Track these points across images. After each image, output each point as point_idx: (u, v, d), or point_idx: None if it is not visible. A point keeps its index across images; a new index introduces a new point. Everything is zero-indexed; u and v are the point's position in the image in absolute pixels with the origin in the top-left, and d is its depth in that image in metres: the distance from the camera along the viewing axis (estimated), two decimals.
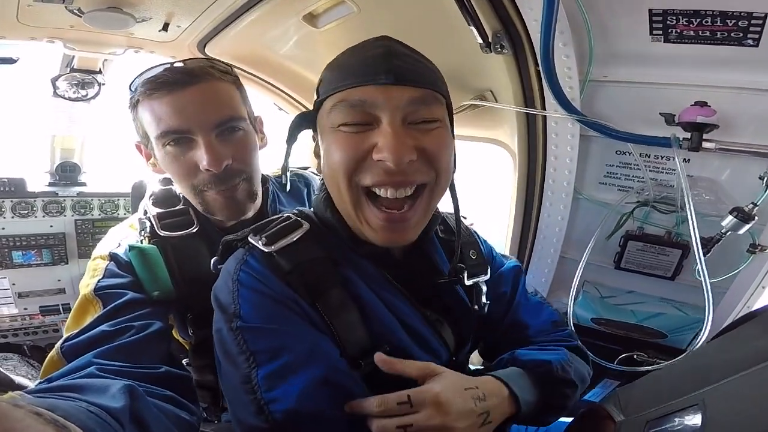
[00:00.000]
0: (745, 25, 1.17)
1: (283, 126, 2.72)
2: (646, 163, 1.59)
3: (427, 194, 0.91)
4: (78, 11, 1.69)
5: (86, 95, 2.38)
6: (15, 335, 2.88)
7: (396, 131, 0.83)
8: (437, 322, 1.03)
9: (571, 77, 1.45)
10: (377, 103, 0.84)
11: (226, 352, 0.86)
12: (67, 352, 0.94)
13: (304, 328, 0.87)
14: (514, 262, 1.26)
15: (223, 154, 1.13)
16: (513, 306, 1.18)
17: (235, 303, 0.87)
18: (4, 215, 2.74)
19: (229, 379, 0.86)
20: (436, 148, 0.88)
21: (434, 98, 0.89)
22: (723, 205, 1.50)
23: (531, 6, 1.32)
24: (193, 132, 1.11)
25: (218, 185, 1.16)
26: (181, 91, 1.10)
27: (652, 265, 1.72)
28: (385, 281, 0.99)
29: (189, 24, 1.91)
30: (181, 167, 1.15)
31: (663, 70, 1.39)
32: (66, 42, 2.03)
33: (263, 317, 0.86)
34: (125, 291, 1.06)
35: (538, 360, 1.01)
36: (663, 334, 1.75)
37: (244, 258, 0.93)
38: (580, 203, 1.80)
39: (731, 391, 0.70)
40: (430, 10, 1.58)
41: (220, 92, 1.16)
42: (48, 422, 0.48)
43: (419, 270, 1.05)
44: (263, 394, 0.80)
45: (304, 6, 1.76)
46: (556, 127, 1.64)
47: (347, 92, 0.86)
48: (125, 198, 3.03)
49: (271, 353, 0.83)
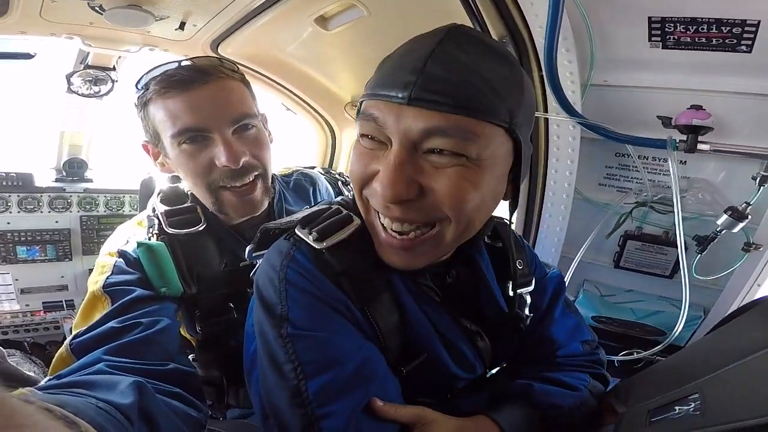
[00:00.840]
0: (739, 32, 1.23)
1: (290, 125, 2.79)
2: (645, 164, 1.65)
3: (439, 229, 0.78)
4: (99, 8, 1.72)
5: (99, 92, 2.39)
6: (16, 332, 2.86)
7: (396, 164, 0.70)
8: (476, 335, 0.96)
9: (573, 81, 1.50)
10: (387, 123, 0.71)
11: (272, 358, 0.79)
12: (76, 349, 0.92)
13: (355, 337, 0.82)
14: (557, 272, 1.14)
15: (240, 151, 1.13)
16: (547, 319, 1.08)
17: (283, 304, 0.79)
18: (11, 210, 2.74)
19: (274, 387, 0.79)
20: (448, 191, 0.71)
21: (467, 129, 0.68)
22: (718, 204, 1.56)
23: (536, 12, 1.36)
24: (210, 130, 1.11)
25: (235, 180, 1.16)
26: (197, 89, 1.09)
27: (651, 264, 1.77)
28: (425, 289, 0.92)
29: (205, 23, 1.95)
30: (197, 165, 1.14)
31: (660, 75, 1.44)
32: (84, 38, 2.05)
33: (314, 322, 0.79)
34: (134, 288, 1.04)
35: (551, 404, 0.94)
36: (662, 332, 1.79)
37: (291, 253, 0.84)
38: (580, 204, 1.83)
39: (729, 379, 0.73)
40: (438, 15, 1.58)
41: (233, 90, 1.16)
42: (58, 418, 0.50)
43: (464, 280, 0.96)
44: (315, 410, 0.74)
45: (316, 9, 1.81)
46: (558, 130, 1.68)
47: (366, 103, 0.76)
48: (131, 195, 3.04)
49: (322, 365, 0.76)
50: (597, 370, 1.07)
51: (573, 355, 1.07)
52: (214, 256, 1.20)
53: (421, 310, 0.88)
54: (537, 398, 0.92)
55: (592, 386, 1.02)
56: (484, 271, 0.95)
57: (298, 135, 2.92)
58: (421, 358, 0.87)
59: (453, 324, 0.92)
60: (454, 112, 0.66)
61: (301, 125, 2.80)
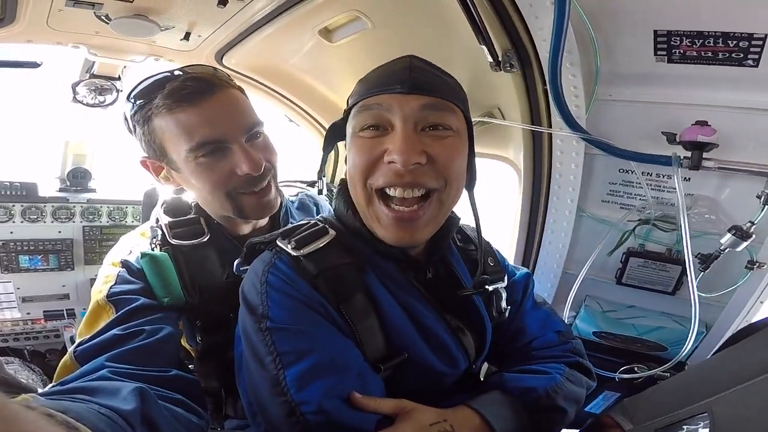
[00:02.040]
0: (745, 46, 1.22)
1: (292, 137, 2.79)
2: (648, 181, 1.63)
3: (437, 199, 0.95)
4: (106, 18, 1.74)
5: (104, 101, 2.40)
6: (16, 339, 2.89)
7: (406, 135, 0.89)
8: (459, 330, 1.05)
9: (577, 96, 1.49)
10: (392, 108, 0.90)
11: (254, 352, 0.88)
12: (80, 356, 0.95)
13: (331, 332, 0.90)
14: (525, 271, 1.29)
15: (259, 158, 1.17)
16: (520, 312, 1.21)
17: (264, 304, 0.89)
18: (14, 219, 2.77)
19: (257, 379, 0.87)
20: (446, 156, 0.92)
21: (447, 107, 0.94)
22: (722, 222, 1.54)
23: (541, 26, 1.36)
24: (227, 140, 1.14)
25: (254, 186, 1.19)
26: (207, 101, 1.12)
27: (653, 280, 1.75)
28: (409, 285, 1.01)
29: (209, 34, 1.97)
30: (215, 176, 1.16)
31: (666, 89, 1.43)
32: (90, 48, 2.08)
33: (292, 319, 0.88)
34: (137, 297, 1.07)
35: (524, 387, 1.01)
36: (663, 347, 1.77)
37: (273, 261, 0.95)
38: (583, 220, 1.82)
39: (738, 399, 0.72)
40: (442, 28, 1.63)
41: (238, 100, 1.19)
42: (60, 423, 0.50)
43: (441, 276, 1.09)
44: (294, 396, 0.81)
45: (320, 21, 1.82)
46: (562, 145, 1.67)
47: (367, 100, 0.94)
48: (133, 205, 3.05)
49: (299, 354, 0.85)
50: (572, 358, 1.15)
51: (548, 345, 1.17)
52: (216, 268, 1.22)
53: (403, 306, 0.98)
54: (509, 384, 1.01)
55: (569, 374, 1.09)
56: (456, 268, 1.10)
57: (302, 147, 2.93)
58: (401, 357, 0.94)
59: (438, 318, 1.01)
60: (437, 95, 0.93)
61: (304, 137, 2.80)
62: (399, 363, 0.94)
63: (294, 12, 1.75)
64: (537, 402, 0.99)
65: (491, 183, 2.62)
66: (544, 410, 0.99)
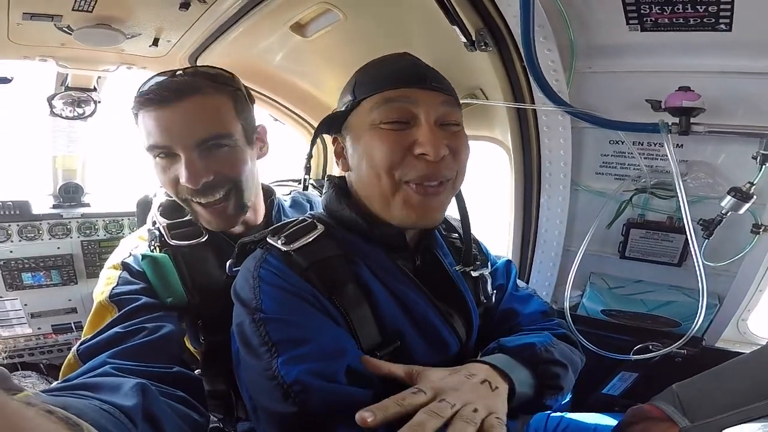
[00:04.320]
0: (714, 10, 1.19)
1: (280, 136, 2.76)
2: (640, 150, 1.60)
3: (451, 186, 1.01)
4: (68, 29, 1.72)
5: (83, 113, 2.39)
6: (31, 354, 2.93)
7: (433, 128, 0.94)
8: (448, 314, 1.07)
9: (556, 70, 1.46)
10: (418, 102, 0.95)
11: (248, 344, 0.89)
12: (83, 354, 0.96)
13: (323, 321, 0.91)
14: (506, 259, 1.33)
15: (201, 171, 1.13)
16: (505, 296, 1.24)
17: (257, 298, 0.91)
18: (12, 239, 2.76)
19: (251, 370, 0.89)
20: (460, 148, 0.99)
21: (456, 104, 1.02)
22: (721, 186, 1.50)
23: (509, 2, 1.33)
24: (175, 149, 1.13)
25: (199, 198, 1.18)
26: (167, 107, 1.11)
27: (657, 252, 1.71)
28: (397, 271, 1.03)
29: (178, 38, 1.94)
30: (166, 179, 1.18)
31: (645, 58, 1.41)
32: (58, 60, 2.06)
33: (284, 310, 0.90)
34: (139, 296, 1.09)
35: (522, 344, 1.03)
36: (676, 322, 1.73)
37: (264, 256, 0.98)
38: (578, 194, 1.80)
39: None
40: (413, 13, 1.59)
41: (206, 108, 1.15)
42: (60, 420, 0.49)
43: (428, 263, 1.11)
44: (286, 378, 0.82)
45: (291, 16, 1.78)
46: (547, 120, 1.64)
47: (389, 93, 0.96)
48: (129, 217, 3.03)
49: (292, 342, 0.86)
50: (559, 330, 1.18)
51: (534, 321, 1.21)
52: (215, 267, 1.24)
53: (393, 293, 1.00)
54: (507, 345, 1.03)
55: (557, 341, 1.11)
56: (441, 255, 1.12)
57: (291, 145, 2.89)
58: (394, 345, 0.97)
59: (428, 304, 1.03)
60: (448, 93, 1.00)
61: (291, 135, 2.77)
62: (394, 350, 0.97)
63: (262, 9, 1.72)
64: (537, 355, 1.01)
65: (483, 169, 2.59)
66: (545, 362, 1.01)
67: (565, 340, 1.15)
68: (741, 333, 1.78)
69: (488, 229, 1.61)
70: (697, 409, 0.84)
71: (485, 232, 1.33)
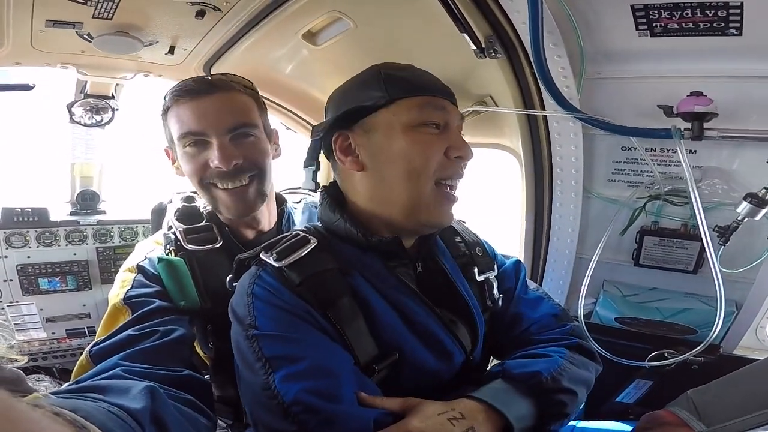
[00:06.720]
0: (723, 15, 1.19)
1: (291, 145, 2.77)
2: (653, 156, 1.58)
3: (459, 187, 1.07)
4: (88, 36, 1.77)
5: (101, 120, 2.43)
6: (44, 358, 2.97)
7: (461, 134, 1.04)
8: (451, 323, 1.05)
9: (566, 76, 1.46)
10: (449, 111, 1.02)
11: (244, 360, 0.91)
12: (95, 356, 0.99)
13: (318, 337, 0.92)
14: (515, 259, 1.30)
15: (233, 155, 1.21)
16: (513, 299, 1.22)
17: (251, 315, 0.92)
18: (30, 245, 2.82)
19: (249, 385, 0.90)
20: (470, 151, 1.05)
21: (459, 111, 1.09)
22: (736, 192, 1.48)
23: (518, 9, 1.34)
24: (208, 134, 1.21)
25: (226, 182, 1.24)
26: (203, 98, 1.21)
27: (672, 259, 1.69)
28: (398, 283, 1.02)
29: (193, 47, 1.98)
30: (194, 165, 1.24)
31: (655, 64, 1.40)
32: (79, 67, 2.11)
33: (278, 327, 0.91)
34: (153, 299, 1.12)
35: (527, 372, 1.00)
36: (692, 330, 1.70)
37: (258, 273, 0.98)
38: (591, 202, 1.78)
39: None
40: (423, 21, 1.60)
41: (236, 101, 1.26)
42: (67, 422, 0.50)
43: (430, 270, 1.10)
44: (284, 398, 0.83)
45: (302, 25, 1.81)
46: (558, 127, 1.63)
47: (430, 98, 1.00)
48: (143, 225, 3.08)
49: (287, 359, 0.87)
50: (571, 340, 1.14)
51: (546, 328, 1.16)
52: (228, 273, 1.25)
53: (392, 304, 0.99)
54: (511, 371, 1.01)
55: (570, 357, 1.08)
56: (442, 261, 1.11)
57: (301, 154, 2.89)
58: (392, 357, 0.97)
59: (429, 313, 1.02)
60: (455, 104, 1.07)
61: (302, 144, 2.78)
62: (393, 362, 0.97)
63: (274, 18, 1.75)
64: (541, 385, 0.98)
65: (493, 176, 2.58)
66: (550, 392, 0.99)
67: (579, 350, 1.13)
68: (760, 340, 1.75)
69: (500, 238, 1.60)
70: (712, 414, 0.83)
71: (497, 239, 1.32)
